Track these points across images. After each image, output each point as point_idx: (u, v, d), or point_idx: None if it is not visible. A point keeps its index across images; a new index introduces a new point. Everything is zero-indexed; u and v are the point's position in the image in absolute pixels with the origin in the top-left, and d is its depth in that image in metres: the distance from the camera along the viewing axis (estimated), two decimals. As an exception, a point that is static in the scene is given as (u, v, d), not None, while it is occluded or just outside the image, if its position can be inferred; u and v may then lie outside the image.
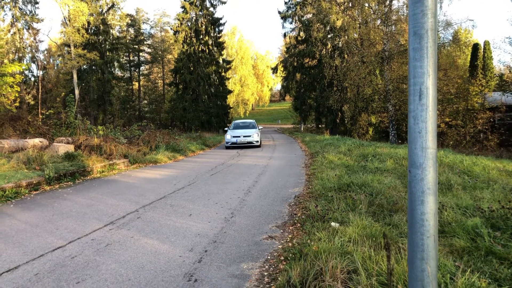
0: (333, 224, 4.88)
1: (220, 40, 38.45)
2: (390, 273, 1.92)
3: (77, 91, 32.98)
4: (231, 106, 46.71)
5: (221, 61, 38.37)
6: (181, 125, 36.88)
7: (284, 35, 37.44)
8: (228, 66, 39.35)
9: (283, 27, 41.35)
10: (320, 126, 36.84)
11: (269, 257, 4.15)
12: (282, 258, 4.04)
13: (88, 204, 6.93)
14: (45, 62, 41.26)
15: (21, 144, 12.09)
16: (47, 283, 3.61)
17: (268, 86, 78.44)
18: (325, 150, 14.13)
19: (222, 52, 39.19)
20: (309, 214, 5.52)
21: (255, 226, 5.31)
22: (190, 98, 35.58)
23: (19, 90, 20.88)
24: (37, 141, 12.92)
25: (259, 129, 20.45)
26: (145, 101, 47.20)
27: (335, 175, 8.29)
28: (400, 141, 25.10)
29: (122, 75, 43.09)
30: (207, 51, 36.40)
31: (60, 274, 3.82)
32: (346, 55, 27.95)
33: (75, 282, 3.61)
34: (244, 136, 18.67)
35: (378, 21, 25.78)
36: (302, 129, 38.86)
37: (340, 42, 30.62)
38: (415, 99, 1.63)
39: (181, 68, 35.76)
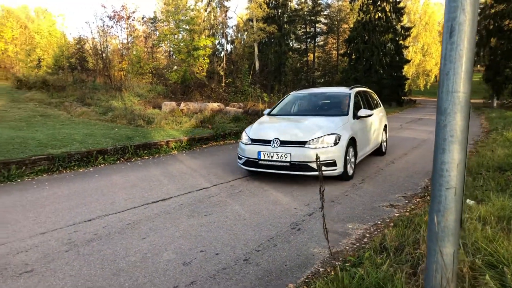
0: (467, 201, 4.36)
1: (400, 5, 35.58)
2: (322, 206, 1.71)
3: (257, 63, 36.10)
4: (408, 77, 43.27)
5: (399, 28, 35.60)
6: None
7: (479, -6, 31.99)
8: (407, 33, 36.22)
9: (479, -16, 35.26)
10: (518, 101, 30.80)
11: (379, 222, 4.05)
12: (392, 224, 3.90)
13: (239, 159, 7.88)
14: (234, 37, 46.27)
15: (202, 107, 14.26)
16: (184, 212, 4.45)
17: (457, 55, 68.77)
18: (508, 127, 11.97)
19: (401, 19, 36.22)
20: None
21: (380, 194, 5.16)
22: (362, 68, 34.53)
23: (208, 61, 24.31)
24: (215, 105, 14.99)
25: (367, 115, 6.66)
26: (318, 73, 48.08)
27: (504, 154, 7.09)
28: None
29: (298, 46, 44.81)
30: (384, 18, 34.28)
31: (196, 207, 4.63)
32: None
33: (204, 214, 4.34)
34: (283, 143, 5.69)
35: None
36: (494, 104, 33.18)
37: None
38: (446, 38, 1.39)
39: (355, 38, 34.82)
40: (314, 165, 5.37)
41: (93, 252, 3.34)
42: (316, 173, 5.19)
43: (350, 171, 5.98)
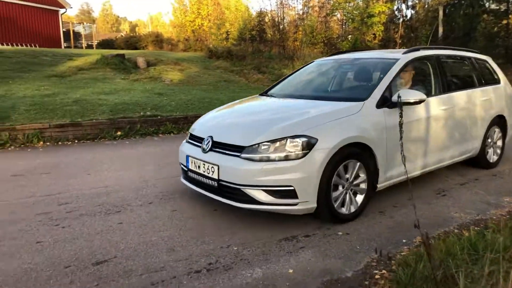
0: None
1: None
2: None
3: (441, 29, 32.39)
4: None
5: None
6: None
7: None
8: None
9: None
10: None
11: (547, 201, 3.61)
12: None
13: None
14: (415, 1, 42.37)
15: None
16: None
17: None
18: None
19: None
20: None
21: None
22: None
23: (383, 29, 23.27)
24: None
25: (414, 100, 3.39)
26: (522, 37, 40.06)
27: None
28: None
29: (496, 7, 38.14)
30: None
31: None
32: None
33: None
34: (216, 146, 3.25)
35: None
36: None
37: None
38: None
39: None
40: (250, 192, 2.92)
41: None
42: (256, 206, 2.97)
43: (347, 207, 3.19)
